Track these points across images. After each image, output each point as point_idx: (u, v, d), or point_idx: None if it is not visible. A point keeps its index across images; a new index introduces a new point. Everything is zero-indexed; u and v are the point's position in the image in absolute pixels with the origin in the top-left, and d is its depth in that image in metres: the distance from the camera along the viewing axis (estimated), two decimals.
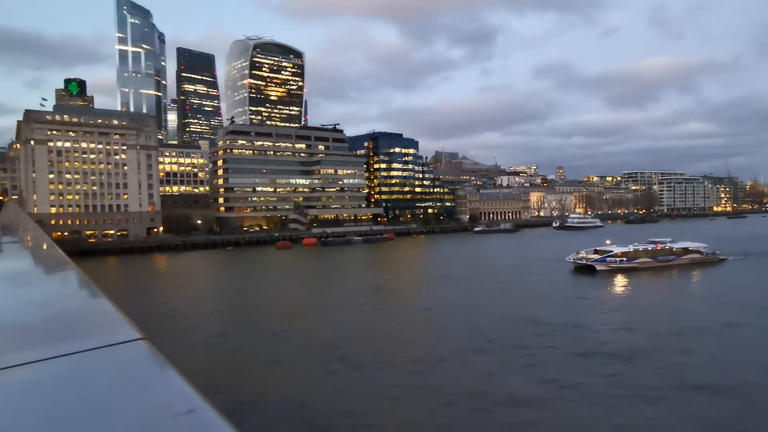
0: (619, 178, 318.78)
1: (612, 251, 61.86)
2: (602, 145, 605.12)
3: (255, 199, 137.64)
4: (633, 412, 20.61)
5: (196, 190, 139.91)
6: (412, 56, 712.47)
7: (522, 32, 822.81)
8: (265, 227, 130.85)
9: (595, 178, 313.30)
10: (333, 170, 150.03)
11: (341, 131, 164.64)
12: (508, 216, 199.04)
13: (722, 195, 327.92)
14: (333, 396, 22.71)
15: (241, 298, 49.95)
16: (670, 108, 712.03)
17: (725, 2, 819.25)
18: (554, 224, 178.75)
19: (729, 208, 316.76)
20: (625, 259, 61.22)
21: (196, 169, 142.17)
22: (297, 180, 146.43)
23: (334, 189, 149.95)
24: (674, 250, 66.25)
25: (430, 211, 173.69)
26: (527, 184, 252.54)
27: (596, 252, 62.67)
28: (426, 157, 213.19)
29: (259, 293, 53.18)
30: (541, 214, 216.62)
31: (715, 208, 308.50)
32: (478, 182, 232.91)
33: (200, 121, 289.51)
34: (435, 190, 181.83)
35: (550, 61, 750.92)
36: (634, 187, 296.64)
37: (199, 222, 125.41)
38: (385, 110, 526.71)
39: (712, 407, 20.89)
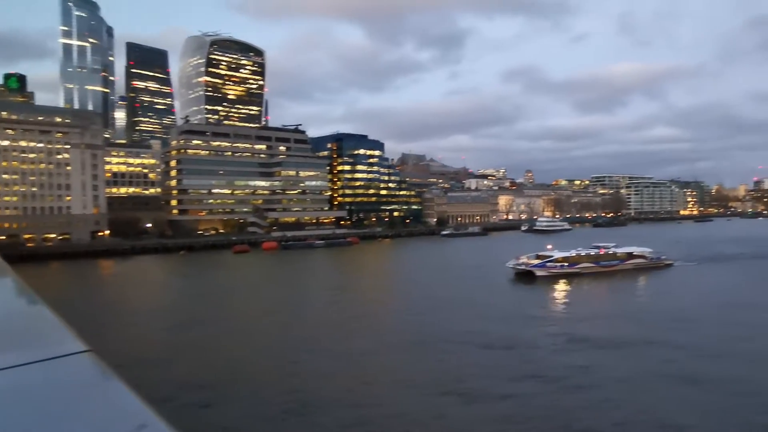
0: (587, 182, 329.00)
1: (553, 256, 61.66)
2: (571, 149, 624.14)
3: (211, 201, 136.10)
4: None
5: (147, 192, 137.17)
6: (379, 58, 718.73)
7: (491, 36, 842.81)
8: (221, 231, 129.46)
9: (564, 182, 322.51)
10: (294, 172, 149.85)
11: (303, 132, 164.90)
12: (477, 219, 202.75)
13: (689, 199, 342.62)
14: None
15: (190, 306, 48.52)
16: (638, 113, 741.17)
17: (691, 12, 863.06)
18: (523, 227, 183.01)
19: (695, 212, 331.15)
20: (566, 264, 61.16)
21: (146, 170, 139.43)
22: (256, 182, 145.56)
23: (296, 191, 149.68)
24: (618, 254, 66.63)
25: (396, 214, 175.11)
26: (496, 188, 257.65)
27: (538, 257, 62.33)
28: (392, 159, 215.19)
29: (211, 301, 51.68)
30: (510, 217, 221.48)
31: (682, 212, 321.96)
32: (446, 185, 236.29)
33: (151, 120, 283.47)
34: (401, 192, 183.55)
35: (519, 65, 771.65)
36: (602, 191, 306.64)
37: (149, 225, 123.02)
38: (350, 112, 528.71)
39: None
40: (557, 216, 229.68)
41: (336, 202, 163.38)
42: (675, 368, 26.45)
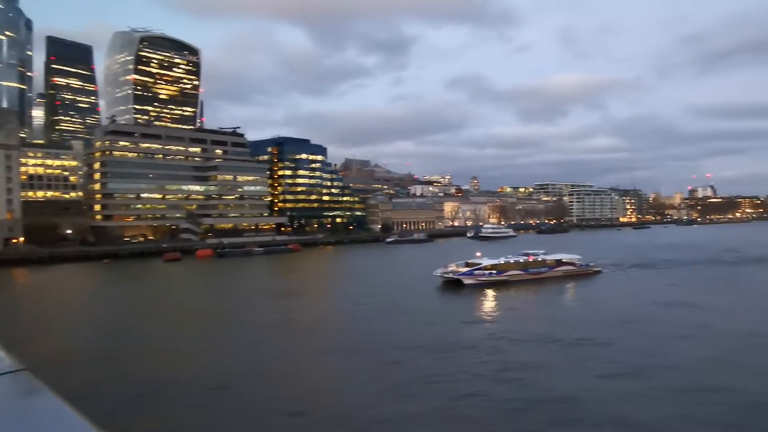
0: (531, 189, 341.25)
1: (481, 264, 62.10)
2: (515, 157, 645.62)
3: (139, 206, 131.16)
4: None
5: (67, 196, 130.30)
6: (322, 61, 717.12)
7: (437, 44, 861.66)
8: (151, 237, 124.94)
9: (509, 189, 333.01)
10: (232, 176, 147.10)
11: (242, 135, 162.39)
12: (422, 226, 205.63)
13: (628, 206, 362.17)
14: None
15: (106, 320, 45.59)
16: (579, 123, 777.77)
17: (628, 27, 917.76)
18: (469, 234, 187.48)
19: (634, 219, 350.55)
20: (494, 272, 61.79)
21: (66, 173, 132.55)
22: (190, 186, 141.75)
23: (233, 196, 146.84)
24: (547, 262, 68.07)
25: (339, 220, 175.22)
26: (441, 194, 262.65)
27: (467, 265, 62.64)
28: (335, 165, 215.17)
29: (133, 314, 48.89)
30: (456, 224, 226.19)
31: (621, 219, 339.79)
32: (391, 191, 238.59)
33: (73, 119, 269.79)
34: (345, 198, 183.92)
35: (464, 74, 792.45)
36: (545, 198, 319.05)
37: (69, 232, 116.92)
38: (292, 115, 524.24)
39: None
40: (502, 223, 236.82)
41: (276, 208, 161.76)
42: (598, 364, 28.40)
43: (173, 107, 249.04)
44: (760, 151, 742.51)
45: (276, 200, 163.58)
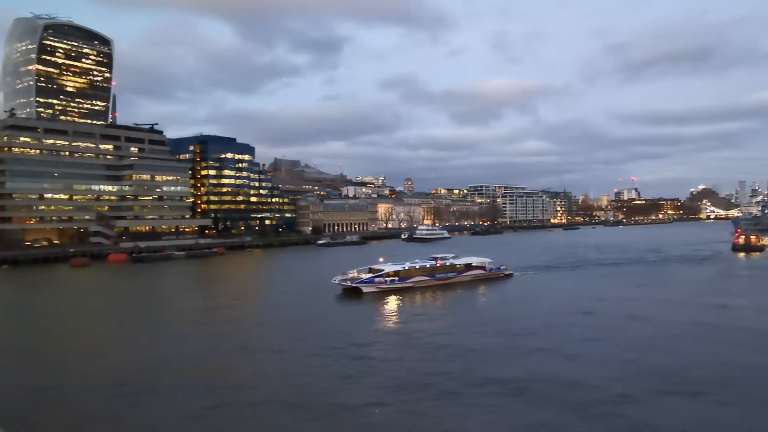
0: (465, 191, 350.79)
1: (383, 270, 60.67)
2: (449, 159, 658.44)
3: (43, 207, 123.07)
4: None
5: None
6: (250, 58, 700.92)
7: (369, 44, 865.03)
8: (56, 241, 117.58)
9: (443, 191, 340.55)
10: (149, 176, 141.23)
11: (160, 132, 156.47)
12: (355, 228, 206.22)
13: (558, 208, 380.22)
14: None
15: None
16: (511, 126, 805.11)
17: (558, 35, 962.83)
18: (403, 236, 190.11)
19: (564, 220, 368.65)
20: (396, 278, 60.24)
21: None
22: (102, 186, 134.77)
23: (151, 197, 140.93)
24: (456, 266, 67.42)
25: (267, 222, 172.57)
26: (375, 195, 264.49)
27: (371, 270, 61.08)
28: (264, 165, 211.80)
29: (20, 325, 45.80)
30: (390, 225, 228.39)
31: (552, 220, 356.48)
32: (322, 192, 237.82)
33: None
34: (273, 200, 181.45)
35: (397, 75, 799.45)
36: (479, 200, 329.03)
37: None
38: (217, 113, 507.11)
39: None
40: (437, 224, 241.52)
41: (199, 210, 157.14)
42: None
43: (81, 101, 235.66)
44: (680, 156, 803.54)
45: (199, 201, 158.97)
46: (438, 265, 65.66)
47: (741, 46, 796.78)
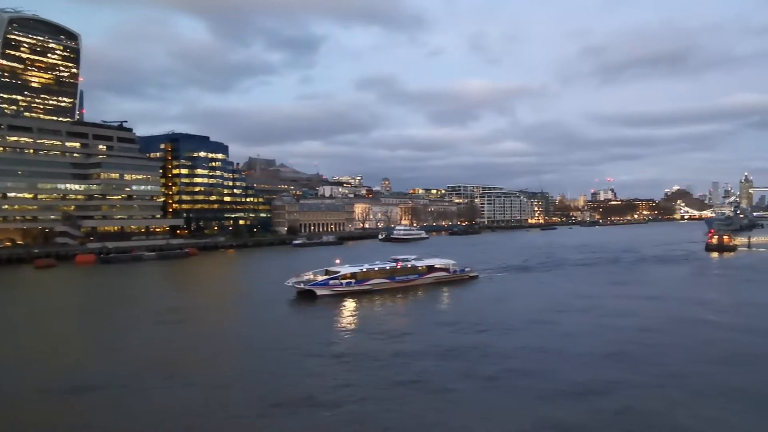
0: (443, 191, 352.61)
1: (339, 272, 59.12)
2: (427, 159, 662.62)
3: (6, 207, 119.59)
4: None
5: None
6: (225, 56, 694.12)
7: (347, 44, 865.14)
8: (20, 242, 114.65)
9: (421, 191, 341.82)
10: (118, 174, 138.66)
11: (130, 130, 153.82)
12: (331, 228, 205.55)
13: (536, 208, 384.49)
14: None
15: None
16: (489, 127, 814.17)
17: (535, 37, 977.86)
18: (380, 236, 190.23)
19: (542, 221, 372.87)
20: (353, 280, 58.82)
21: None
22: (68, 185, 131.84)
23: (120, 196, 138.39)
24: (418, 268, 66.23)
25: (241, 222, 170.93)
26: (351, 195, 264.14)
27: (327, 272, 59.45)
28: (238, 164, 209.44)
29: None
30: (367, 226, 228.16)
31: (530, 220, 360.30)
32: (298, 192, 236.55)
33: None
34: (248, 199, 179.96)
35: (375, 75, 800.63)
36: (457, 200, 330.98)
37: None
38: (189, 111, 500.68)
39: None
40: (414, 224, 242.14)
41: (171, 210, 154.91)
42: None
43: (47, 97, 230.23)
44: (655, 157, 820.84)
45: (170, 201, 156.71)
46: (398, 266, 64.29)
47: (715, 51, 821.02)
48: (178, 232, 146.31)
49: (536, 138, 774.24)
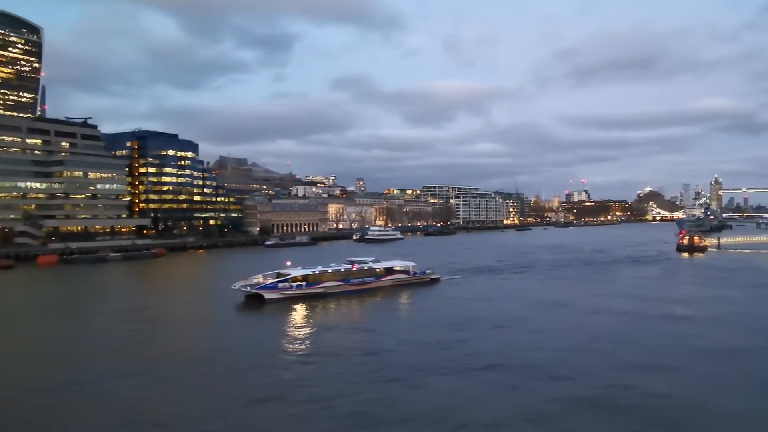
0: (418, 192, 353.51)
1: (290, 274, 56.86)
2: (402, 159, 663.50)
3: None
4: None
5: None
6: (195, 53, 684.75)
7: (321, 43, 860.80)
8: None
9: (396, 191, 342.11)
10: (82, 173, 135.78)
11: (95, 126, 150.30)
12: (305, 228, 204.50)
13: (511, 209, 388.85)
14: None
15: None
16: (464, 128, 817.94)
17: (509, 39, 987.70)
18: (354, 237, 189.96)
19: (517, 221, 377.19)
20: (305, 283, 56.77)
21: None
22: (29, 183, 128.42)
23: (83, 195, 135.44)
24: (376, 270, 64.61)
25: (212, 222, 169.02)
26: (325, 195, 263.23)
27: (278, 275, 57.06)
28: (208, 163, 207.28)
29: None
30: (341, 226, 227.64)
31: (505, 221, 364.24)
32: (271, 192, 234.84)
33: None
34: (219, 199, 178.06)
35: (349, 74, 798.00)
36: (432, 201, 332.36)
37: None
38: (158, 108, 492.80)
39: None
40: (389, 225, 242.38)
41: (137, 209, 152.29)
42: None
43: (7, 92, 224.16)
44: (627, 160, 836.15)
45: (137, 200, 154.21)
46: (354, 269, 62.28)
47: (683, 56, 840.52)
48: (145, 232, 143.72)
49: (511, 139, 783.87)
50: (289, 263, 64.83)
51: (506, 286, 69.06)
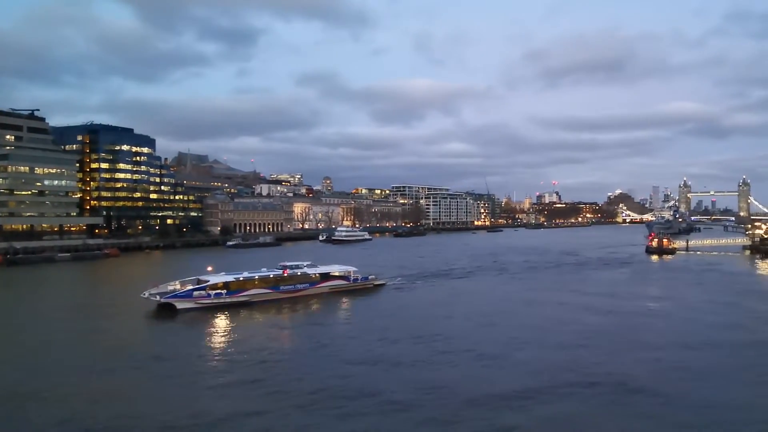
0: (387, 192, 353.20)
1: (208, 281, 52.97)
2: (371, 158, 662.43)
3: None
4: None
5: None
6: (152, 45, 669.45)
7: (287, 38, 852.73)
8: None
9: (364, 191, 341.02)
10: (28, 168, 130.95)
11: (42, 119, 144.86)
12: (269, 228, 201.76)
13: (482, 210, 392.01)
14: None
15: None
16: (434, 127, 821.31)
17: (479, 39, 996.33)
18: (321, 237, 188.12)
19: (488, 223, 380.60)
20: (225, 291, 52.76)
21: None
22: None
23: (29, 192, 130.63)
24: (311, 276, 61.03)
25: (169, 221, 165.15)
26: (291, 194, 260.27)
27: (199, 282, 53.27)
28: (166, 159, 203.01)
29: None
30: (306, 226, 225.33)
31: (476, 222, 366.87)
32: (233, 190, 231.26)
33: None
34: (177, 197, 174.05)
35: (316, 71, 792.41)
36: (402, 201, 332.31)
37: None
38: (111, 101, 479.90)
39: None
40: (357, 225, 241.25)
41: (89, 207, 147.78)
42: None
43: None
44: (597, 162, 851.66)
45: (88, 197, 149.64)
46: (285, 274, 58.40)
47: (651, 59, 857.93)
48: (97, 231, 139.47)
49: (482, 139, 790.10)
50: (210, 268, 59.87)
51: (458, 295, 63.92)
